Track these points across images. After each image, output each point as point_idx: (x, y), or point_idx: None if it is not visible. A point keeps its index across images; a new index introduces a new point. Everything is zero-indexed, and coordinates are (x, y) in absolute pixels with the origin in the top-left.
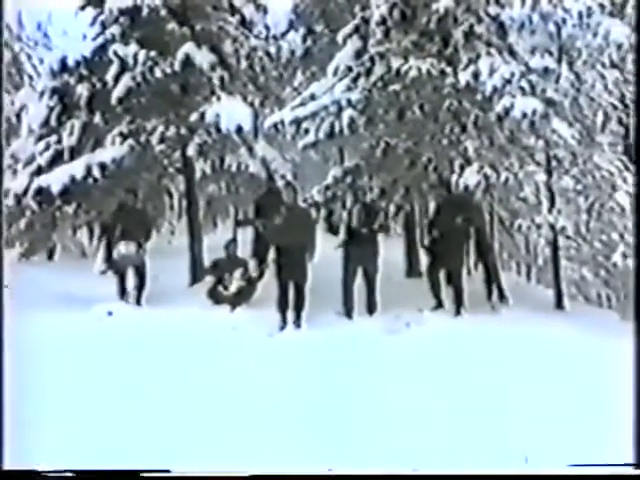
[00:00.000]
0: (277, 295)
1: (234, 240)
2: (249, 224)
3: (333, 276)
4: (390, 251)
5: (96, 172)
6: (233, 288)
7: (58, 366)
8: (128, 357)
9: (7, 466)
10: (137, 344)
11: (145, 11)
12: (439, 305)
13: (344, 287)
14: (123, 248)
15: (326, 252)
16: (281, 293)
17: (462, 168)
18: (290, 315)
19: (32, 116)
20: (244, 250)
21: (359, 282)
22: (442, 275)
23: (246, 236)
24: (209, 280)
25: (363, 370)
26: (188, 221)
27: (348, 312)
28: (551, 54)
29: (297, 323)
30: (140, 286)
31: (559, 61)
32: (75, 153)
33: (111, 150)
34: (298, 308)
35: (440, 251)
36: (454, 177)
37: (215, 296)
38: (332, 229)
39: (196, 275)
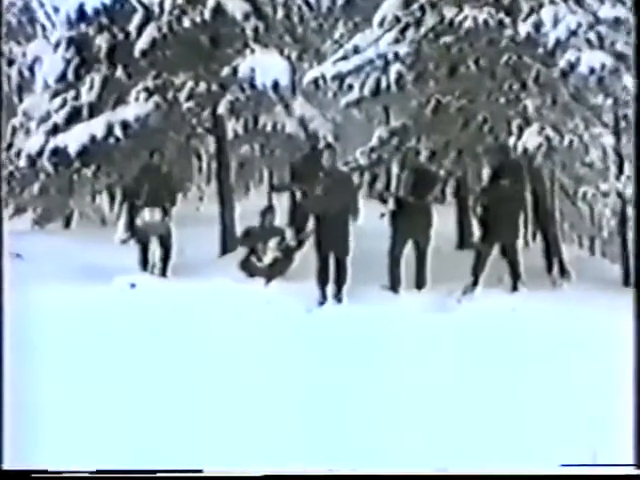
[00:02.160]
0: (316, 267)
1: (271, 207)
2: (285, 190)
3: (378, 247)
4: (440, 220)
5: (118, 131)
6: (268, 259)
7: (75, 344)
8: (152, 333)
9: (7, 466)
10: (162, 319)
11: None
12: (475, 282)
13: (391, 259)
14: (147, 215)
15: (370, 221)
16: (321, 265)
17: (521, 129)
18: (330, 289)
19: (47, 70)
20: (280, 218)
21: (406, 253)
22: (496, 248)
23: (282, 203)
24: (241, 250)
25: (409, 350)
26: (218, 186)
27: (394, 286)
28: (623, 3)
29: (338, 298)
30: (165, 257)
31: (632, 10)
32: (95, 110)
33: (134, 107)
34: (339, 282)
35: (494, 221)
36: (512, 139)
37: (248, 268)
38: (376, 195)
39: (227, 245)
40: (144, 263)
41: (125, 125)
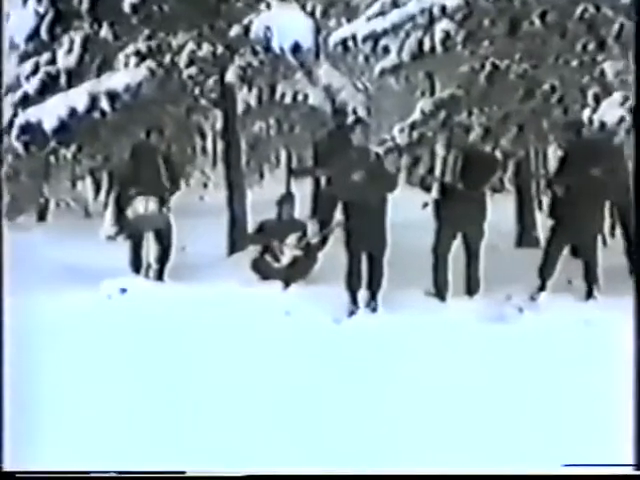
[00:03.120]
0: (346, 268)
1: (289, 195)
2: (307, 174)
3: (420, 244)
4: (495, 211)
5: (104, 104)
6: (286, 259)
7: (57, 359)
8: (146, 348)
9: (7, 467)
10: (158, 331)
11: None
12: (542, 287)
13: (436, 258)
14: (140, 206)
15: (410, 212)
16: (351, 266)
17: (598, 100)
18: (363, 295)
19: (15, 26)
20: (301, 209)
21: (455, 252)
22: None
23: (304, 191)
24: (254, 248)
25: (458, 370)
26: (226, 170)
27: (440, 292)
28: None
29: (372, 306)
30: (163, 256)
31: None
32: (75, 78)
33: (124, 75)
34: (374, 286)
35: (567, 213)
36: (586, 112)
37: (262, 269)
38: (418, 181)
39: (236, 242)
40: (137, 264)
41: (112, 96)
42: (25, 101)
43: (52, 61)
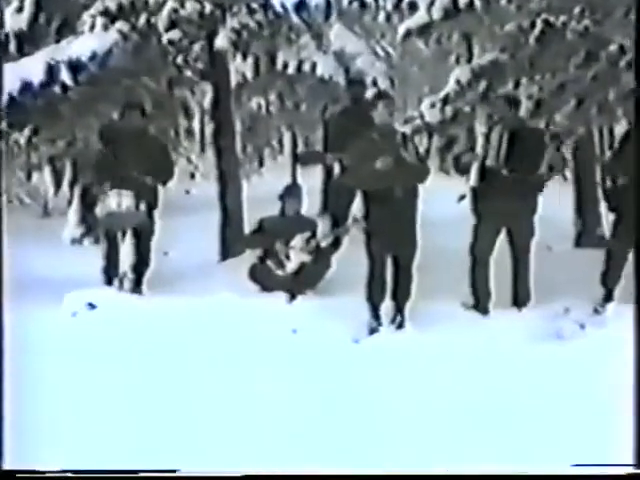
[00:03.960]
0: (366, 276)
1: (295, 187)
2: (316, 161)
3: (455, 244)
4: (549, 203)
5: (65, 76)
6: (292, 265)
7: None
8: (120, 376)
9: (7, 467)
10: (135, 355)
11: None
12: (608, 298)
13: (475, 262)
14: (112, 201)
15: (443, 205)
16: (372, 273)
17: None
18: (386, 308)
19: None
20: (310, 204)
21: (499, 254)
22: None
23: (312, 182)
24: (252, 253)
25: (505, 397)
26: (217, 157)
27: (481, 303)
28: None
29: (398, 321)
30: (141, 263)
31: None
32: (28, 43)
33: (90, 39)
34: (400, 297)
35: (630, 206)
36: None
37: (263, 278)
38: (453, 167)
39: (231, 245)
40: (108, 273)
41: (75, 66)
42: None
43: None
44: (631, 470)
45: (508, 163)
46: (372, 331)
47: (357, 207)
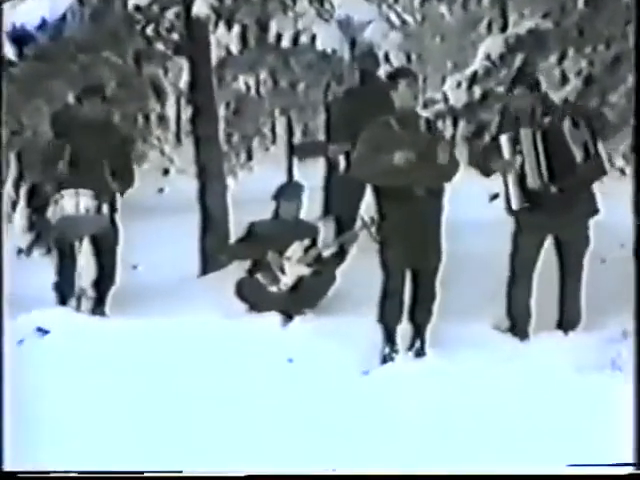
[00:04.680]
0: (379, 293)
1: (292, 185)
2: (318, 153)
3: (487, 254)
4: (607, 205)
5: (7, 49)
6: (289, 279)
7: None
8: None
9: (7, 467)
10: (96, 390)
11: None
12: None
13: (513, 276)
14: (68, 203)
15: (472, 206)
16: (387, 289)
17: None
18: (403, 331)
19: None
20: (310, 205)
21: (543, 267)
22: None
23: (313, 178)
24: (240, 265)
25: (547, 437)
26: (196, 149)
27: (519, 325)
28: None
29: (417, 347)
30: (103, 278)
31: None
32: None
33: (37, 3)
34: (420, 317)
35: None
36: None
37: (252, 295)
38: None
39: (213, 255)
40: (63, 291)
41: (20, 37)
42: None
43: None
44: (631, 470)
45: (554, 157)
46: (385, 360)
47: (367, 209)
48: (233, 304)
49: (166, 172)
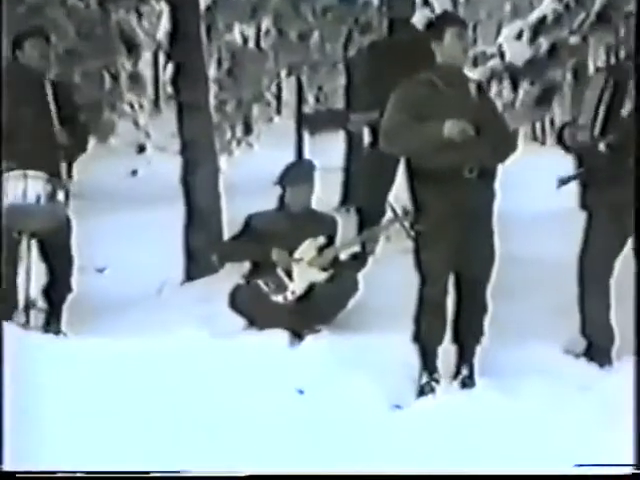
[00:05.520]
0: (415, 304)
1: (302, 165)
2: (335, 125)
3: (551, 257)
4: None
5: None
6: (298, 287)
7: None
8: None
9: (7, 467)
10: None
11: None
12: None
13: (585, 284)
14: (13, 188)
15: (533, 193)
16: (424, 299)
17: None
18: (446, 354)
19: None
20: (324, 192)
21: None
22: None
23: (328, 156)
24: (234, 268)
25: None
26: (178, 118)
27: (597, 348)
28: None
29: (464, 375)
30: (57, 284)
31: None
32: None
33: None
34: (467, 337)
35: None
36: None
37: (251, 307)
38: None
39: (199, 256)
40: (8, 301)
41: None
42: None
43: None
44: (631, 470)
45: None
46: (423, 391)
47: (399, 196)
48: (227, 319)
49: (141, 149)
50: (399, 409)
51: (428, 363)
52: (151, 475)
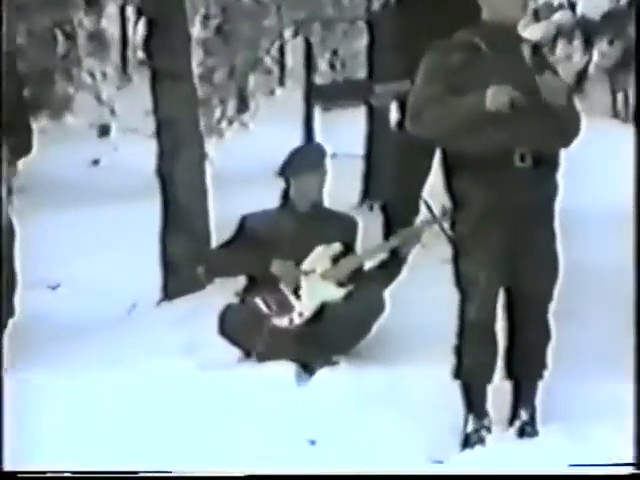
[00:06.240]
0: (456, 329)
1: (310, 150)
2: (355, 98)
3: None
4: None
5: None
6: (306, 307)
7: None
8: None
9: (7, 467)
10: None
11: None
12: None
13: None
14: None
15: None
16: (469, 322)
17: None
18: (498, 393)
19: None
20: (340, 185)
21: None
22: None
23: (346, 141)
24: (227, 283)
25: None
26: (152, 90)
27: None
28: None
29: (523, 421)
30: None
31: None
32: None
33: None
34: (525, 372)
35: None
36: None
37: (249, 333)
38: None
39: (181, 267)
40: None
41: None
42: None
43: None
44: (631, 470)
45: None
46: (469, 441)
47: (435, 190)
48: (216, 348)
49: (104, 131)
50: (439, 464)
51: (475, 405)
52: (150, 475)
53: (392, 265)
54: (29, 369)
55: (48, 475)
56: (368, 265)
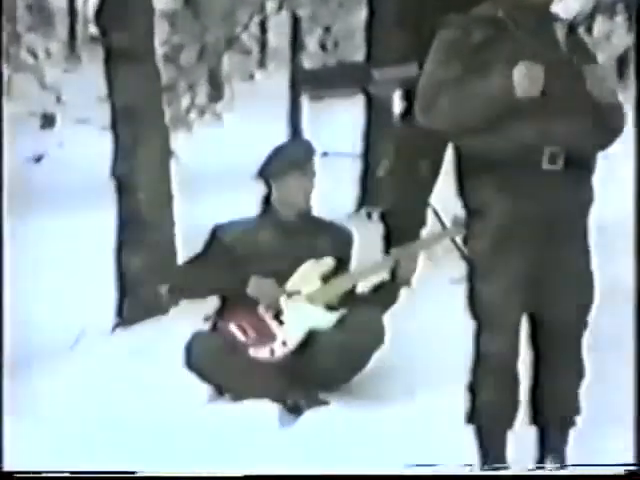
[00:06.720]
0: (470, 363)
1: (297, 146)
2: (351, 85)
3: None
4: None
5: None
6: (290, 337)
7: None
8: None
9: (7, 467)
10: None
11: None
12: None
13: None
14: None
15: None
16: (485, 355)
17: None
18: (520, 441)
19: None
20: (334, 189)
21: None
22: None
23: (340, 137)
24: (195, 306)
25: None
26: (107, 73)
27: None
28: None
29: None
30: None
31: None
32: None
33: None
34: (553, 415)
35: None
36: None
37: (221, 367)
38: None
39: (140, 288)
40: None
41: None
42: None
43: None
44: (631, 470)
45: None
46: None
47: (446, 196)
48: (183, 384)
49: (48, 121)
50: None
51: (491, 454)
52: (149, 475)
53: (393, 286)
54: None
55: (47, 475)
56: (365, 285)
